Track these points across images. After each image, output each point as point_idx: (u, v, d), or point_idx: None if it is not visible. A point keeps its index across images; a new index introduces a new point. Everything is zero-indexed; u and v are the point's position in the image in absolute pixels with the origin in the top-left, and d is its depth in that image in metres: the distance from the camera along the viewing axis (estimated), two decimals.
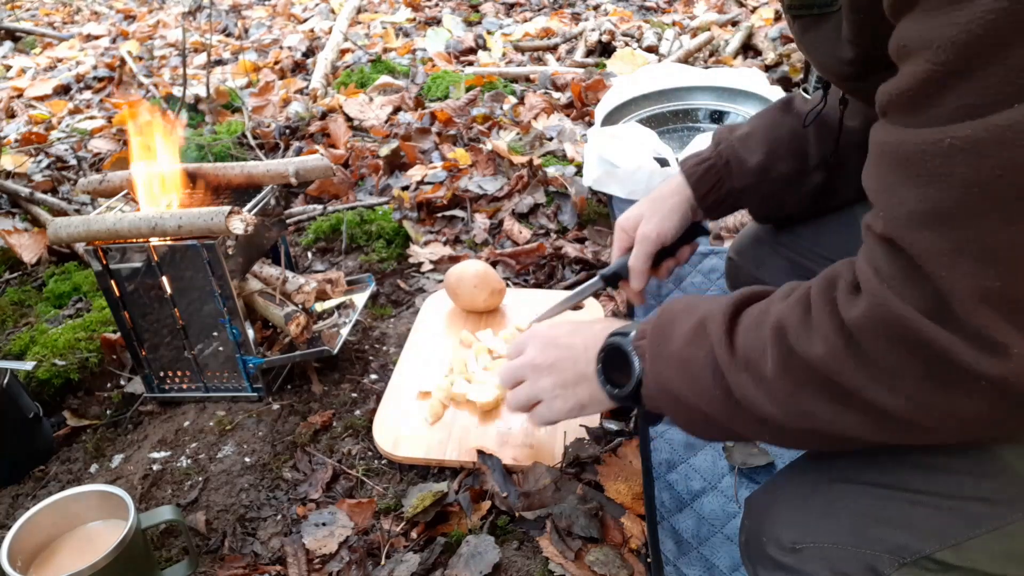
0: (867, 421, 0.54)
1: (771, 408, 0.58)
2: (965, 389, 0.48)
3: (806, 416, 0.56)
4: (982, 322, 0.46)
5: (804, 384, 0.55)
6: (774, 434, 0.61)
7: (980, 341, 0.46)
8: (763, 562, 0.65)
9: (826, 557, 0.60)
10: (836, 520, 0.60)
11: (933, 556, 0.56)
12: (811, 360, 0.54)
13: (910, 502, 0.57)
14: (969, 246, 0.45)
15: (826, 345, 0.53)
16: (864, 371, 0.52)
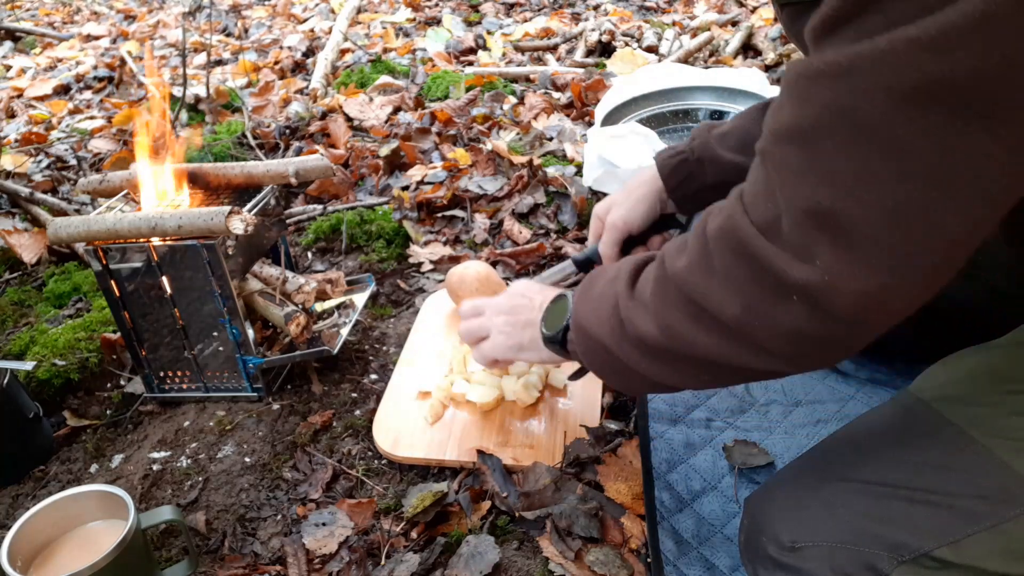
0: (716, 337, 0.57)
1: (647, 326, 0.62)
2: (783, 299, 0.51)
3: (675, 336, 0.60)
4: (802, 236, 0.49)
5: (670, 299, 0.60)
6: (654, 362, 0.64)
7: (796, 252, 0.50)
8: (763, 561, 0.65)
9: (826, 556, 0.60)
10: (835, 519, 0.61)
11: (932, 554, 0.56)
12: (676, 274, 0.59)
13: (908, 500, 0.58)
14: (813, 164, 0.48)
15: (688, 258, 0.59)
16: (710, 281, 0.56)
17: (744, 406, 1.02)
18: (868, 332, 0.52)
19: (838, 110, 0.46)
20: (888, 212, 0.46)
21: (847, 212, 0.47)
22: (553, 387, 1.08)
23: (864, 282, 0.48)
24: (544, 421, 1.03)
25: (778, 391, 1.03)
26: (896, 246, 0.47)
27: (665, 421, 1.00)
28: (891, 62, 0.42)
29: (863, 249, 0.47)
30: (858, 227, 0.47)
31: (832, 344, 0.54)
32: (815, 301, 0.50)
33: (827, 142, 0.47)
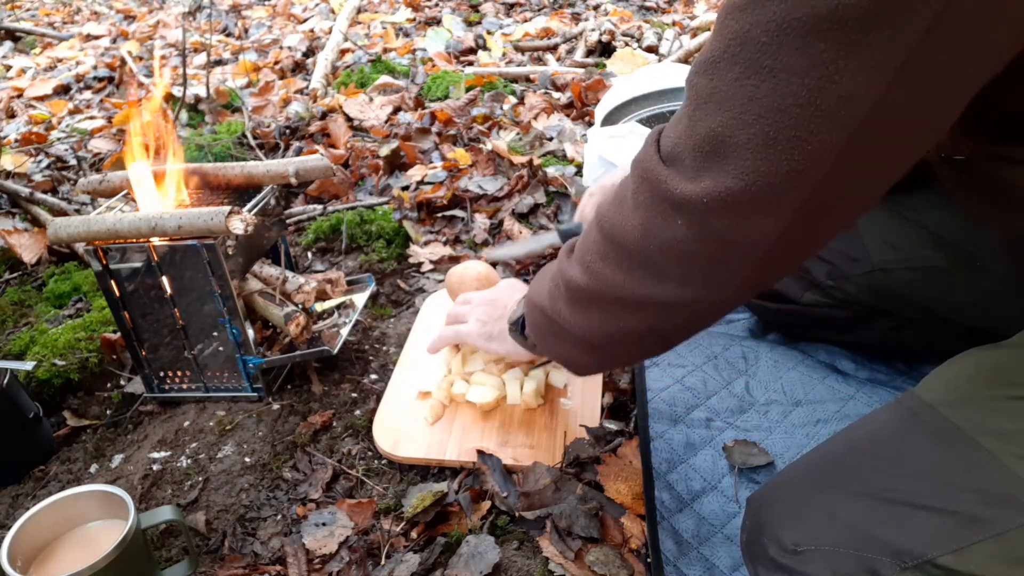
0: (623, 269, 0.61)
1: (574, 271, 0.66)
2: (671, 218, 0.55)
3: (591, 271, 0.64)
4: (695, 159, 0.52)
5: (591, 236, 0.64)
6: (576, 308, 0.68)
7: (686, 173, 0.53)
8: (764, 563, 0.65)
9: (827, 559, 0.60)
10: (838, 523, 0.60)
11: (935, 561, 0.56)
12: (600, 213, 0.63)
13: (911, 506, 0.57)
14: (715, 92, 0.51)
15: (611, 197, 0.62)
16: (619, 211, 0.60)
17: (744, 406, 1.02)
18: (746, 259, 0.55)
19: (740, 39, 0.49)
20: (768, 140, 0.49)
21: (734, 138, 0.50)
22: (553, 387, 1.08)
23: (737, 205, 0.51)
24: (544, 421, 1.03)
25: (778, 391, 1.03)
26: (770, 175, 0.49)
27: (665, 421, 1.00)
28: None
29: (741, 174, 0.50)
30: (740, 152, 0.50)
31: (718, 267, 0.56)
32: (695, 219, 0.53)
33: (729, 71, 0.50)
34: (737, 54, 0.49)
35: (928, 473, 0.58)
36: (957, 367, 0.64)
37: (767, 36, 0.47)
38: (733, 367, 1.08)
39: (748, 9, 0.48)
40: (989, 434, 0.57)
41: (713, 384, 1.06)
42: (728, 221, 0.53)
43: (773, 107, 0.48)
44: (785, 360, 1.08)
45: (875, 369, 1.05)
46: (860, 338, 1.06)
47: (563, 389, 1.07)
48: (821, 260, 1.02)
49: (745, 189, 0.50)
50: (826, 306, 1.05)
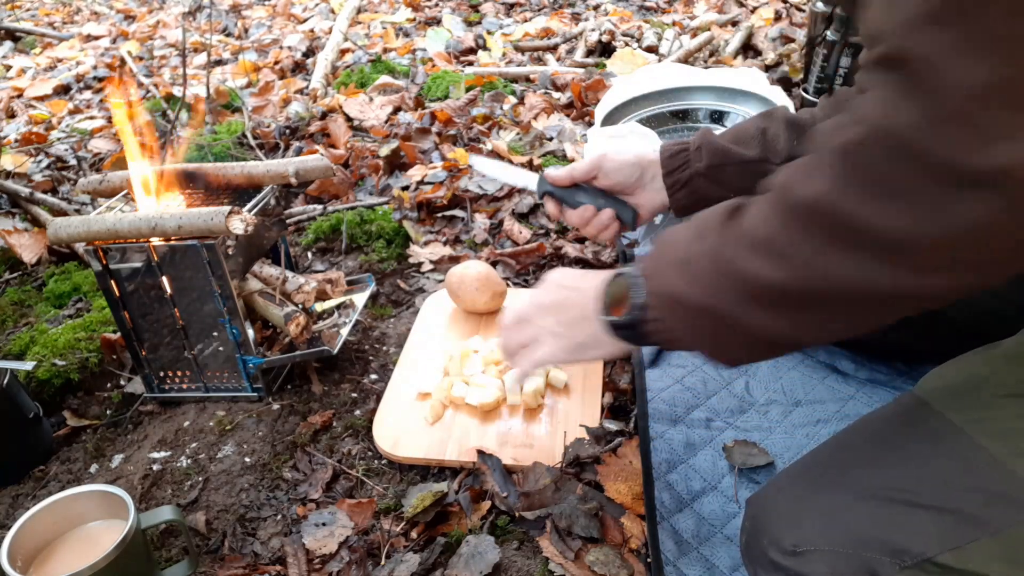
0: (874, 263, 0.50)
1: (778, 273, 0.54)
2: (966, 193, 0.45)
3: (816, 271, 0.52)
4: (982, 117, 0.44)
5: (810, 230, 0.52)
6: (784, 309, 0.56)
7: (980, 136, 0.44)
8: (763, 565, 0.64)
9: (827, 560, 0.59)
10: (837, 524, 0.60)
11: (935, 560, 0.55)
12: (816, 199, 0.51)
13: (911, 505, 0.57)
14: (971, 39, 0.44)
15: (827, 178, 0.51)
16: (867, 197, 0.49)
17: (744, 406, 1.02)
18: None
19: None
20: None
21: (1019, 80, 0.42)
22: (553, 387, 1.08)
23: None
24: (544, 421, 1.03)
25: (778, 391, 1.03)
26: None
27: (665, 421, 1.00)
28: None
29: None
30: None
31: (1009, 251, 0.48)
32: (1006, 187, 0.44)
33: (990, 8, 0.43)
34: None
35: (927, 473, 0.58)
36: (958, 367, 0.64)
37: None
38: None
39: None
40: (989, 434, 0.57)
41: (713, 384, 1.06)
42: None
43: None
44: (785, 360, 1.08)
45: (875, 369, 1.05)
46: (861, 337, 1.06)
47: (563, 389, 1.07)
48: None
49: None
50: None
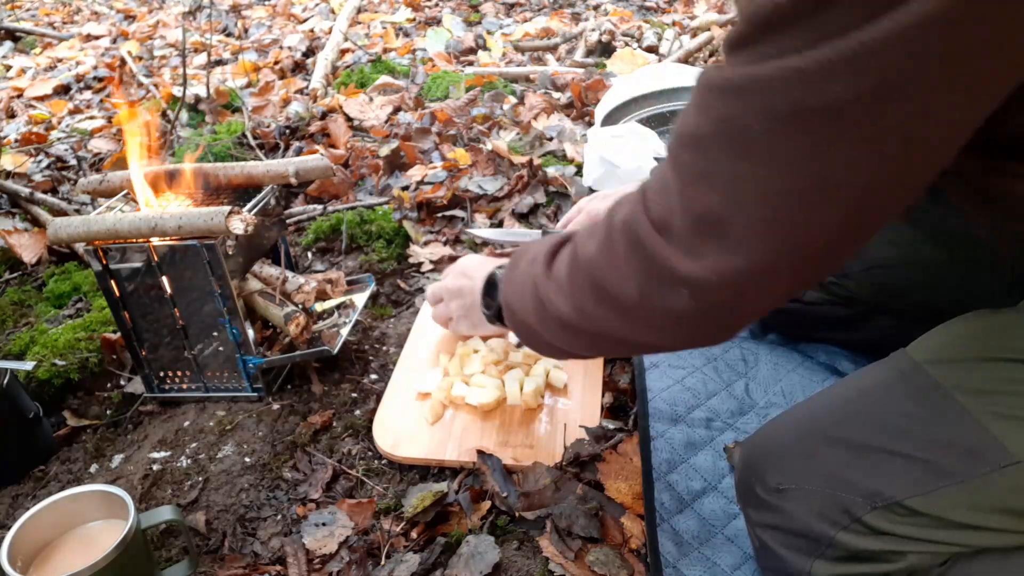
0: (619, 318, 0.62)
1: (564, 307, 0.67)
2: (673, 289, 0.56)
3: (583, 313, 0.65)
4: (692, 236, 0.54)
5: (581, 283, 0.64)
6: (571, 337, 0.70)
7: (686, 250, 0.54)
8: (752, 501, 0.72)
9: (806, 498, 0.66)
10: (817, 465, 0.67)
11: (903, 503, 0.61)
12: (587, 259, 0.64)
13: (888, 453, 0.63)
14: (706, 171, 0.52)
15: (596, 245, 0.63)
16: (612, 268, 0.61)
17: (744, 408, 1.02)
18: (749, 313, 0.59)
19: (730, 124, 0.50)
20: (768, 221, 0.50)
21: (733, 219, 0.51)
22: (553, 387, 1.08)
23: (744, 279, 0.53)
24: (544, 421, 1.03)
25: (778, 393, 1.03)
26: (777, 252, 0.52)
27: (665, 420, 1.00)
28: (776, 88, 0.46)
29: (745, 253, 0.52)
30: (741, 233, 0.51)
31: (716, 324, 0.60)
32: (701, 292, 0.55)
33: (720, 153, 0.51)
34: (728, 137, 0.50)
35: (906, 425, 0.64)
36: (948, 329, 0.68)
37: (760, 124, 0.48)
38: (733, 369, 1.08)
39: (737, 94, 0.49)
40: (967, 392, 0.61)
41: (713, 385, 1.06)
42: (734, 293, 0.55)
43: (770, 192, 0.49)
44: (785, 362, 1.08)
45: None
46: (861, 336, 1.06)
47: (563, 389, 1.07)
48: None
49: (751, 267, 0.52)
50: (826, 303, 1.05)
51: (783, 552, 0.69)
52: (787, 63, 0.46)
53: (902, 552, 0.63)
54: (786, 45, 0.46)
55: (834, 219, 0.50)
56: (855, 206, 0.50)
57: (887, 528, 0.62)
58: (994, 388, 0.61)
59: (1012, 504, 0.60)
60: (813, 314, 1.07)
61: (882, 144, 0.47)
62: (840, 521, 0.64)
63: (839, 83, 0.44)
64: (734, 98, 0.49)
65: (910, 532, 0.62)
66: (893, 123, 0.46)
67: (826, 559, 0.66)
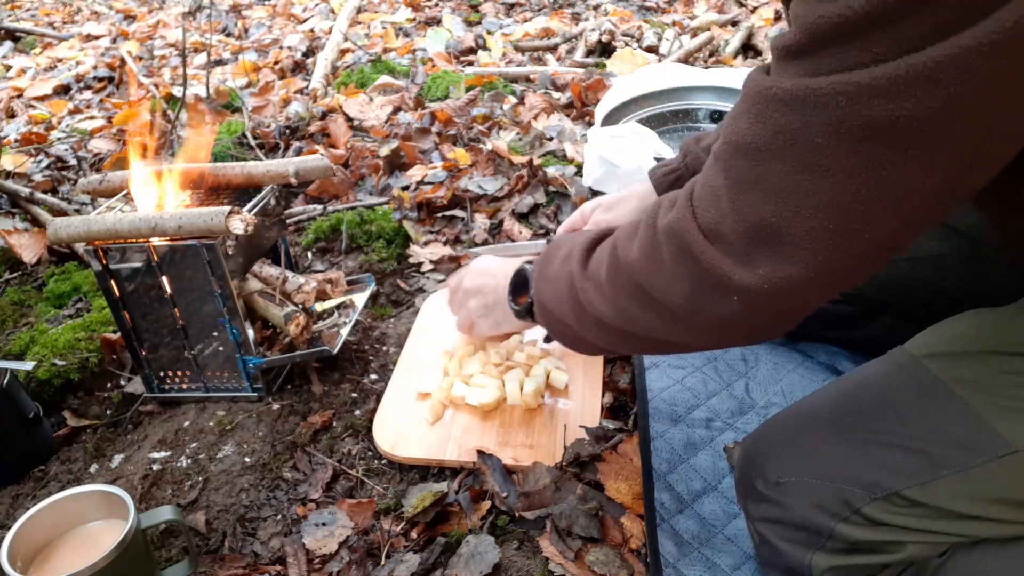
0: (663, 321, 0.63)
1: (604, 308, 0.68)
2: (724, 296, 0.57)
3: (626, 316, 0.66)
4: (746, 245, 0.54)
5: (622, 285, 0.65)
6: (610, 336, 0.70)
7: (738, 258, 0.55)
8: (751, 495, 0.73)
9: (806, 490, 0.67)
10: (816, 459, 0.67)
11: (902, 493, 0.62)
12: (628, 263, 0.64)
13: (886, 445, 0.64)
14: (763, 181, 0.52)
15: (639, 249, 0.63)
16: (658, 273, 0.61)
17: (744, 408, 1.02)
18: (792, 318, 0.60)
19: (790, 135, 0.50)
20: (827, 232, 0.51)
21: (791, 229, 0.52)
22: (553, 387, 1.08)
23: (796, 287, 0.54)
24: (544, 421, 1.03)
25: (778, 393, 1.03)
26: (833, 261, 0.52)
27: (666, 421, 1.00)
28: (842, 102, 0.47)
29: (801, 263, 0.53)
30: (799, 243, 0.52)
31: (762, 329, 0.61)
32: (754, 301, 0.56)
33: (778, 163, 0.51)
34: (786, 148, 0.50)
35: (904, 417, 0.64)
36: (946, 326, 0.69)
37: (823, 137, 0.48)
38: (733, 369, 1.08)
39: (799, 107, 0.49)
40: (965, 384, 0.62)
41: (713, 385, 1.06)
42: (787, 302, 0.56)
43: (831, 203, 0.50)
44: (785, 362, 1.08)
45: None
46: (864, 334, 1.06)
47: (563, 390, 1.07)
48: None
49: (806, 276, 0.53)
50: (830, 301, 1.05)
51: (783, 546, 0.69)
52: (853, 78, 0.46)
53: (901, 543, 0.63)
54: (851, 58, 0.46)
55: (889, 230, 0.51)
56: (909, 217, 0.51)
57: (886, 519, 0.63)
58: (992, 380, 0.62)
59: (1010, 494, 0.60)
60: (816, 312, 1.07)
61: (942, 160, 0.47)
62: (840, 512, 0.65)
63: (908, 100, 0.45)
64: (795, 110, 0.49)
65: (909, 523, 0.62)
66: (956, 141, 0.46)
67: (826, 551, 0.66)
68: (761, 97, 0.52)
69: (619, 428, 1.02)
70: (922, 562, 0.64)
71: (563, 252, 0.75)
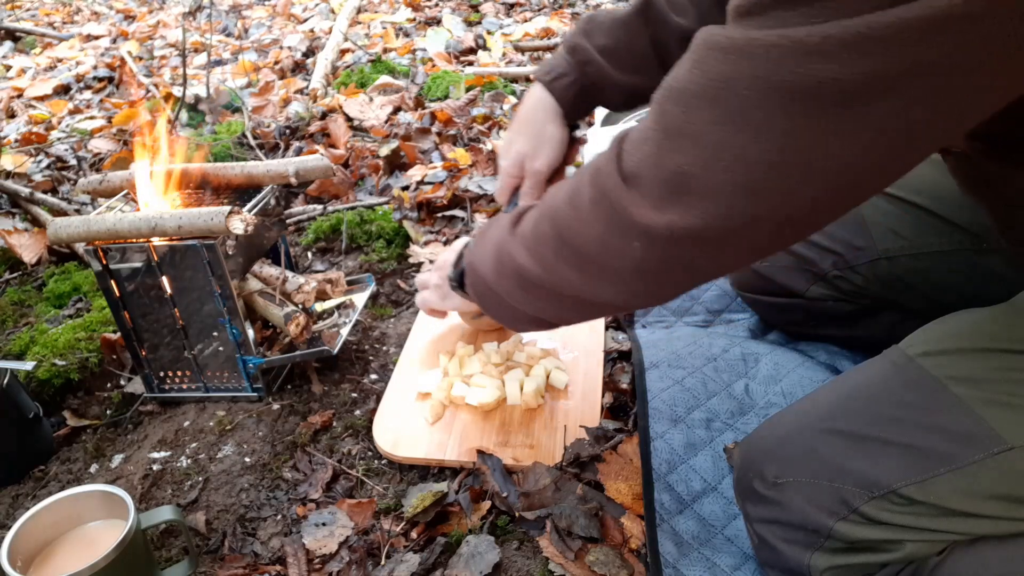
0: (572, 267, 0.62)
1: (523, 258, 0.67)
2: (632, 239, 0.56)
3: (543, 264, 0.65)
4: (660, 189, 0.53)
5: (544, 232, 0.64)
6: (525, 295, 0.69)
7: (651, 202, 0.54)
8: (750, 496, 0.73)
9: (803, 490, 0.67)
10: (814, 458, 0.67)
11: (899, 491, 0.62)
12: (553, 208, 0.64)
13: (883, 444, 0.64)
14: (688, 127, 0.51)
15: (564, 194, 0.63)
16: (575, 217, 0.61)
17: (744, 408, 1.02)
18: (701, 275, 0.59)
19: (721, 84, 0.49)
20: (738, 188, 0.50)
21: (703, 179, 0.51)
22: (554, 387, 1.08)
23: (696, 240, 0.53)
24: (544, 421, 1.03)
25: (778, 393, 1.03)
26: (736, 219, 0.51)
27: (666, 421, 1.00)
28: (773, 55, 0.46)
29: (707, 216, 0.52)
30: (709, 195, 0.51)
31: (668, 282, 0.60)
32: (655, 248, 0.55)
33: (705, 111, 0.50)
34: (716, 97, 0.49)
35: (900, 415, 0.64)
36: (940, 324, 0.70)
37: (750, 91, 0.47)
38: (733, 369, 1.08)
39: (734, 56, 0.48)
40: (959, 381, 0.63)
41: (713, 385, 1.06)
42: (688, 252, 0.55)
43: (747, 159, 0.49)
44: (785, 362, 1.08)
45: None
46: (866, 332, 1.06)
47: (563, 390, 1.07)
48: (826, 250, 1.02)
49: (708, 228, 0.52)
50: (832, 299, 1.05)
51: (782, 546, 0.69)
52: (790, 32, 0.45)
53: (900, 541, 0.63)
54: (793, 17, 0.45)
55: (805, 198, 0.50)
56: (830, 188, 0.50)
57: (885, 517, 0.63)
58: (985, 377, 0.62)
59: (1007, 490, 0.60)
60: (818, 311, 1.07)
61: (867, 133, 0.46)
62: (838, 512, 0.65)
63: (836, 63, 0.44)
64: (730, 58, 0.48)
65: (907, 521, 0.62)
66: (882, 115, 0.45)
67: (824, 551, 0.67)
68: (704, 44, 0.51)
69: (619, 428, 1.02)
70: (921, 560, 0.64)
71: (502, 219, 0.75)
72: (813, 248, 1.03)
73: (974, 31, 0.42)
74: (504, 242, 0.70)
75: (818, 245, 1.03)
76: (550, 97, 0.97)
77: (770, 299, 1.12)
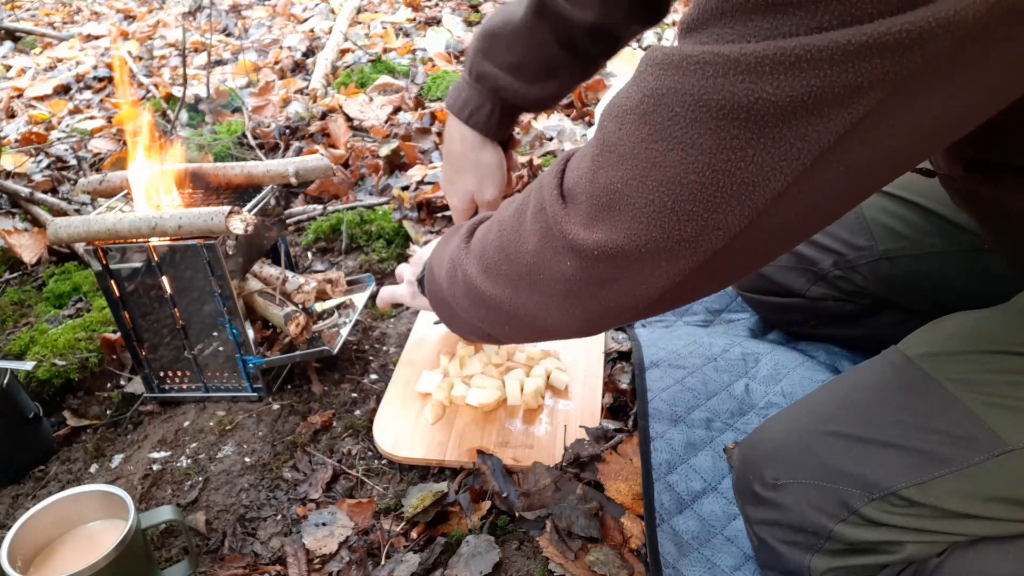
0: (510, 283, 0.63)
1: (471, 267, 0.67)
2: (563, 255, 0.56)
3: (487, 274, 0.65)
4: (591, 206, 0.53)
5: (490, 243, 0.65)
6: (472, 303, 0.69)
7: (581, 219, 0.54)
8: (749, 498, 0.73)
9: (803, 492, 0.67)
10: (814, 460, 0.67)
11: (900, 493, 0.62)
12: (501, 220, 0.65)
13: (883, 445, 0.64)
14: (622, 144, 0.50)
15: (513, 207, 0.64)
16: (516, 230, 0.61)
17: (744, 408, 1.02)
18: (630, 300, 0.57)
19: (655, 100, 0.48)
20: (665, 209, 0.49)
21: (632, 198, 0.50)
22: (554, 388, 1.08)
23: (621, 260, 0.53)
24: (544, 421, 1.03)
25: (778, 393, 1.03)
26: (661, 241, 0.50)
27: (666, 421, 1.00)
28: (708, 73, 0.44)
29: (633, 236, 0.51)
30: (636, 215, 0.50)
31: (598, 304, 0.58)
32: (583, 264, 0.55)
33: (639, 128, 0.49)
34: (649, 113, 0.48)
35: (899, 416, 0.64)
36: (939, 326, 0.69)
37: (682, 107, 0.46)
38: (733, 369, 1.08)
39: (670, 72, 0.47)
40: (958, 382, 0.63)
41: (713, 385, 1.06)
42: (615, 273, 0.54)
43: (675, 179, 0.48)
44: (786, 362, 1.08)
45: None
46: (867, 332, 1.06)
47: (564, 390, 1.07)
48: (827, 250, 1.02)
49: (635, 249, 0.51)
50: (832, 299, 1.05)
51: (782, 548, 0.69)
52: (724, 50, 0.43)
53: (900, 543, 0.63)
54: (728, 35, 0.44)
55: (731, 225, 0.48)
56: (758, 218, 0.47)
57: (885, 519, 0.63)
58: (985, 378, 0.62)
59: (1007, 492, 0.60)
60: (819, 311, 1.07)
61: (798, 162, 0.44)
62: (838, 514, 0.65)
63: (769, 84, 0.42)
64: (666, 74, 0.47)
65: (907, 522, 0.62)
66: (814, 141, 0.43)
67: (824, 553, 0.66)
68: (645, 60, 0.50)
69: (619, 428, 1.02)
70: (921, 562, 0.64)
71: (462, 227, 0.75)
72: (814, 247, 1.03)
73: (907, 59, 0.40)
74: (457, 250, 0.70)
75: (819, 245, 1.03)
76: (472, 132, 0.97)
77: (770, 299, 1.12)
